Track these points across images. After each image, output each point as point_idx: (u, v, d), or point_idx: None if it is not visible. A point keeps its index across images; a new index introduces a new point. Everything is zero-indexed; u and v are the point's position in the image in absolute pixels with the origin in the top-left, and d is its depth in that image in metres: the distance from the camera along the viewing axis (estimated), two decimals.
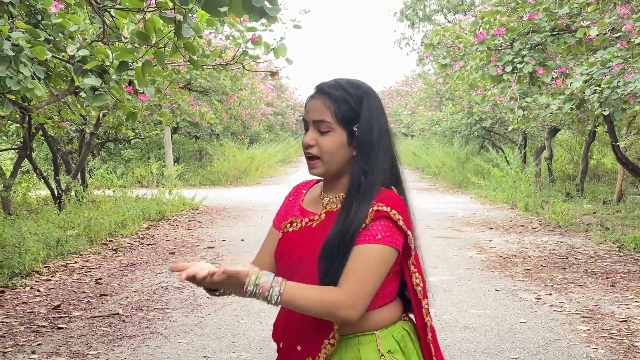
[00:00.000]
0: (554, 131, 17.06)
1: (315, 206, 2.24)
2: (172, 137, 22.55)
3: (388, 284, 2.15)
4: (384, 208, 2.06)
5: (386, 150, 2.17)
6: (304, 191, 2.35)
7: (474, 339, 5.75)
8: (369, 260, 2.03)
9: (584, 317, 6.35)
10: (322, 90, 2.14)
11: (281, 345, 2.23)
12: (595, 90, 8.13)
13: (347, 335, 2.12)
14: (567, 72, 9.07)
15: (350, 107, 2.12)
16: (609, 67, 8.04)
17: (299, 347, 2.14)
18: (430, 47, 11.40)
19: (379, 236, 2.05)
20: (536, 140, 19.89)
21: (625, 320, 6.20)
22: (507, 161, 18.44)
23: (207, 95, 18.25)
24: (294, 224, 2.22)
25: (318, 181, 2.33)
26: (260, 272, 2.02)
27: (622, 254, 9.32)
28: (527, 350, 5.44)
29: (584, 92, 8.32)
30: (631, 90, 7.62)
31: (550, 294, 7.23)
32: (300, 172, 26.64)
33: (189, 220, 13.14)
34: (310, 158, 2.15)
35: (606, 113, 8.56)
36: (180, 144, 24.58)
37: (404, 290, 2.28)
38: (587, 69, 8.32)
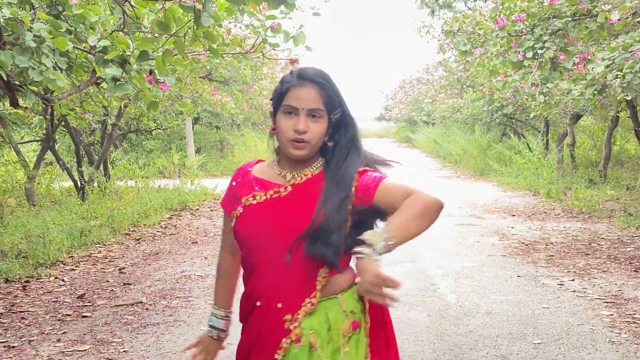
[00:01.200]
0: (576, 117, 16.93)
1: (274, 180, 2.38)
2: (193, 127, 22.60)
3: (349, 250, 2.28)
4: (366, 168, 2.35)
5: (358, 134, 2.41)
6: (250, 169, 2.47)
7: (496, 324, 5.75)
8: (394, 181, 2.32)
9: (607, 302, 6.33)
10: (313, 80, 2.30)
11: (258, 303, 2.35)
12: (617, 75, 8.07)
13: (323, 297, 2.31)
14: (589, 57, 9.00)
15: (334, 97, 2.32)
16: (631, 51, 7.97)
17: (279, 305, 2.29)
18: (451, 34, 11.34)
19: (377, 174, 2.34)
20: (558, 127, 19.73)
21: None
22: (529, 148, 18.33)
23: (228, 85, 18.27)
24: (257, 197, 2.35)
25: (258, 161, 2.50)
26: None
27: None
28: (550, 335, 5.44)
29: (605, 77, 8.26)
30: None
31: (573, 280, 7.20)
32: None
33: (211, 210, 13.19)
34: (299, 141, 2.28)
35: (629, 98, 8.51)
36: (201, 135, 24.63)
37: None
38: (608, 54, 8.26)
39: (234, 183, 2.46)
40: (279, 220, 2.28)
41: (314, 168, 2.36)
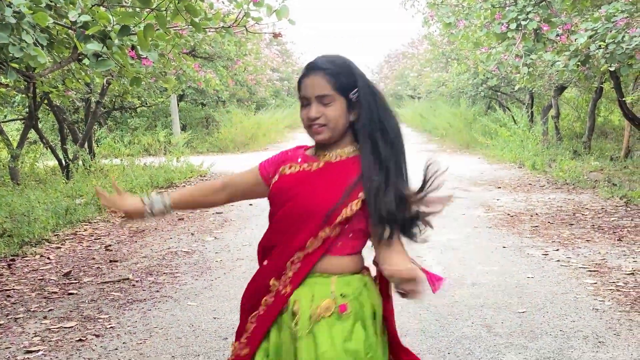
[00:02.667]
0: (560, 89, 16.96)
1: (308, 158, 2.54)
2: (178, 104, 22.50)
3: (358, 238, 2.43)
4: None
5: (384, 107, 2.45)
6: (304, 150, 2.59)
7: (481, 294, 5.79)
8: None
9: (590, 271, 6.38)
10: (319, 67, 2.40)
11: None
12: (600, 45, 8.09)
13: (309, 274, 2.40)
14: (572, 28, 9.01)
15: (345, 78, 2.39)
16: (613, 21, 7.99)
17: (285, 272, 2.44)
18: (435, 6, 11.33)
19: None
20: (543, 99, 19.78)
21: (632, 273, 6.23)
22: (515, 121, 18.38)
23: (212, 62, 18.18)
24: (292, 168, 2.51)
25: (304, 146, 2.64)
26: None
27: (629, 209, 9.33)
28: (534, 304, 5.48)
29: (589, 48, 8.28)
30: (636, 45, 7.58)
31: (557, 250, 7.26)
32: (308, 137, 26.56)
33: None
34: (316, 127, 2.41)
35: (612, 69, 8.53)
36: (186, 112, 24.52)
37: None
38: (592, 25, 8.27)
39: (289, 153, 2.61)
40: (303, 191, 2.42)
41: (347, 151, 2.47)
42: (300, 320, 2.35)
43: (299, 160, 2.53)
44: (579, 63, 8.76)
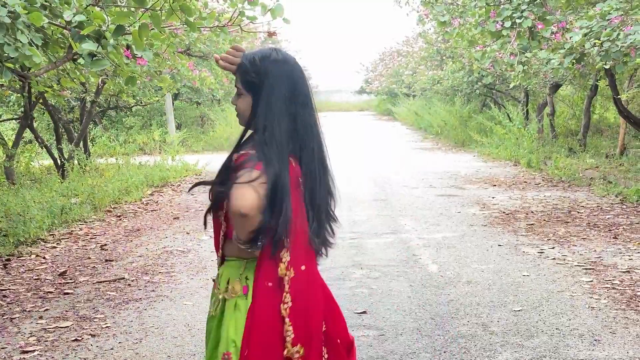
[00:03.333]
0: (555, 87, 16.98)
1: None
2: (173, 103, 22.45)
3: None
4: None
5: (285, 114, 2.41)
6: None
7: (477, 293, 5.80)
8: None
9: (586, 269, 6.40)
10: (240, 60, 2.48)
11: None
12: (595, 43, 8.10)
13: (228, 257, 2.53)
14: (567, 26, 9.02)
15: (253, 77, 2.43)
16: (608, 19, 8.00)
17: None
18: (429, 5, 11.34)
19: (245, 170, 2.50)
20: (538, 96, 19.79)
21: (628, 271, 6.25)
22: (510, 118, 18.38)
23: (207, 60, 18.14)
24: None
25: None
26: None
27: (624, 206, 9.35)
28: (530, 303, 5.49)
29: (584, 46, 8.29)
30: (631, 43, 7.59)
31: (553, 248, 7.27)
32: None
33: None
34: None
35: (607, 66, 8.53)
36: (181, 110, 24.48)
37: None
38: (586, 22, 8.28)
39: None
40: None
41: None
42: (213, 298, 2.56)
43: None
44: (574, 61, 8.77)
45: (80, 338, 4.98)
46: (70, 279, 6.58)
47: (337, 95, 54.92)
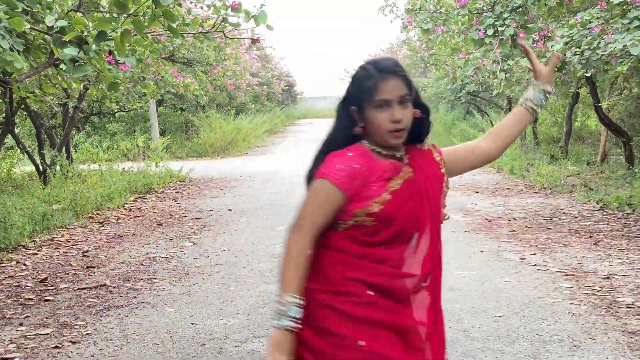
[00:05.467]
0: None
1: (396, 165, 2.49)
2: (157, 109, 22.41)
3: None
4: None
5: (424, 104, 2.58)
6: (358, 155, 2.48)
7: (459, 299, 5.82)
8: None
9: (567, 275, 6.43)
10: (395, 72, 2.43)
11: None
12: (576, 52, 8.16)
13: None
14: (549, 34, 9.08)
15: (411, 82, 2.47)
16: (589, 28, 8.06)
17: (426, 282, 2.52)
18: (413, 12, 11.38)
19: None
20: None
21: (608, 277, 6.29)
22: (493, 125, 18.45)
23: (191, 67, 18.14)
24: (396, 182, 2.45)
25: (348, 149, 2.48)
26: None
27: (605, 213, 9.41)
28: (511, 309, 5.52)
29: (565, 54, 8.34)
30: (611, 51, 7.65)
31: (534, 254, 7.31)
32: (287, 142, 26.63)
33: (176, 192, 13.15)
34: (399, 130, 2.42)
35: (588, 74, 8.61)
36: (165, 117, 24.44)
37: None
38: (567, 31, 8.34)
39: (356, 165, 2.42)
40: (415, 199, 2.46)
41: (408, 147, 2.56)
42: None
43: (388, 174, 2.46)
44: (556, 69, 8.82)
45: (60, 345, 4.96)
46: (51, 286, 6.55)
47: (323, 102, 54.89)
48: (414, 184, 2.47)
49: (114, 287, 6.47)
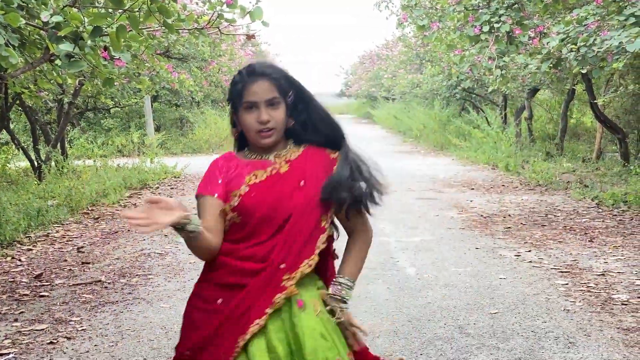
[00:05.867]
0: (533, 91, 17.10)
1: (263, 162, 2.60)
2: (152, 105, 22.34)
3: None
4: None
5: (320, 107, 2.68)
6: (227, 158, 2.67)
7: (454, 295, 5.83)
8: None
9: (562, 272, 6.45)
10: (263, 73, 2.53)
11: (259, 266, 2.49)
12: (572, 48, 8.16)
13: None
14: (544, 31, 9.09)
15: (284, 83, 2.55)
16: (585, 25, 8.07)
17: (282, 265, 2.48)
18: (408, 9, 11.38)
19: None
20: (516, 100, 19.91)
21: (603, 274, 6.30)
22: (488, 122, 18.48)
23: (186, 62, 18.11)
24: (259, 175, 2.55)
25: (227, 154, 2.69)
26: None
27: (600, 210, 9.43)
28: (506, 305, 5.52)
29: (561, 51, 8.35)
30: (607, 48, 7.65)
31: (529, 251, 7.32)
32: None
33: (171, 188, 13.13)
34: (266, 131, 2.53)
35: (584, 71, 8.61)
36: (160, 113, 24.37)
37: None
38: (563, 28, 8.34)
39: (217, 170, 2.60)
40: (281, 191, 2.52)
41: (295, 148, 2.64)
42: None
43: (252, 169, 2.57)
44: (552, 66, 8.83)
45: (55, 341, 4.95)
46: (46, 282, 6.54)
47: (317, 98, 54.97)
48: (282, 177, 2.54)
49: (109, 283, 6.46)
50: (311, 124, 2.63)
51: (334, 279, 2.62)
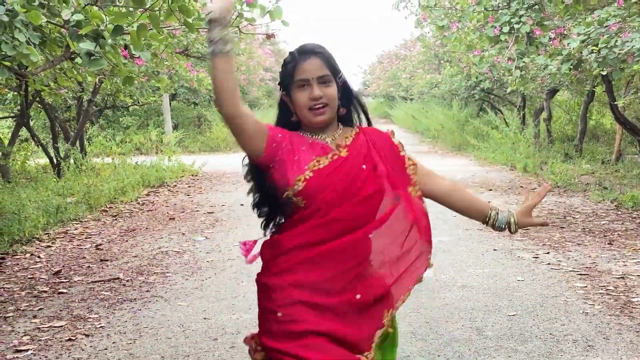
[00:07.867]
0: (552, 92, 17.01)
1: (324, 147, 2.62)
2: (170, 103, 22.45)
3: None
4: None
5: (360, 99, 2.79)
6: (298, 135, 2.67)
7: (471, 297, 5.81)
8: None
9: (581, 274, 6.40)
10: (314, 51, 2.58)
11: (358, 297, 2.61)
12: (592, 50, 8.12)
13: None
14: (565, 32, 9.04)
15: (334, 63, 2.61)
16: (606, 26, 8.02)
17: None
18: (428, 9, 11.35)
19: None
20: (535, 101, 19.81)
21: (622, 277, 6.26)
22: (506, 123, 18.38)
23: (205, 61, 18.13)
24: (322, 161, 2.57)
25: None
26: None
27: (619, 212, 9.36)
28: (524, 307, 5.50)
29: (581, 52, 8.31)
30: (628, 50, 7.61)
31: (548, 253, 7.28)
32: None
33: (189, 186, 13.17)
34: (319, 108, 2.56)
35: (604, 73, 8.56)
36: (178, 111, 24.48)
37: None
38: (584, 29, 8.30)
39: (279, 131, 2.64)
40: (349, 174, 2.57)
41: (348, 131, 2.68)
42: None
43: (314, 153, 2.59)
44: (572, 67, 8.79)
45: (74, 338, 4.98)
46: (65, 279, 6.57)
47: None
48: (345, 160, 2.58)
49: (127, 281, 6.48)
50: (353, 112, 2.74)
51: (498, 210, 2.88)
